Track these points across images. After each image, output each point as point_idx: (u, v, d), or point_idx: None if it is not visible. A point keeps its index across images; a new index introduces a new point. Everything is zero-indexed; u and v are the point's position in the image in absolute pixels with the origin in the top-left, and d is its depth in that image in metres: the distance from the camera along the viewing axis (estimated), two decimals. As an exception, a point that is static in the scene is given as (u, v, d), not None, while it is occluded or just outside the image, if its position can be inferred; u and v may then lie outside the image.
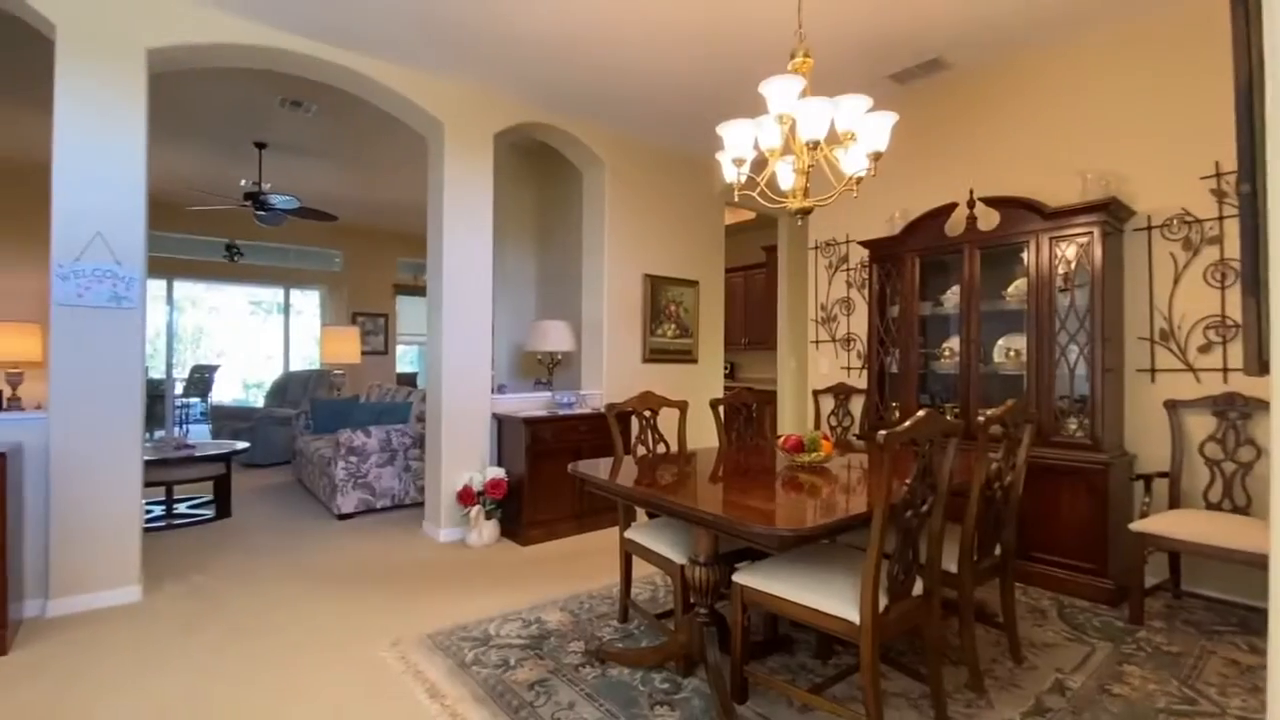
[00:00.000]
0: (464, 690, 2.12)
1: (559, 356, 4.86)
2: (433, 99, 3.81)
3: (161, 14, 2.97)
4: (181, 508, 4.42)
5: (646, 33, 3.27)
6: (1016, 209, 3.23)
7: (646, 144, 4.85)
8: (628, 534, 2.57)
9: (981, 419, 2.02)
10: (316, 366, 8.41)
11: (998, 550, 2.32)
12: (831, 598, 1.76)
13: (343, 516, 4.32)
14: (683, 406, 3.05)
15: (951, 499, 1.91)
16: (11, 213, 6.12)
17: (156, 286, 8.01)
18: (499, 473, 3.86)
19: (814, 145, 2.09)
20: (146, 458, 3.37)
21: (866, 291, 4.10)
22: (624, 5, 3.02)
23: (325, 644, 2.48)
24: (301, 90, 4.33)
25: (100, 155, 2.83)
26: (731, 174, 2.32)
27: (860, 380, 4.21)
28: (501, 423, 4.09)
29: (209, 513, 4.35)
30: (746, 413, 3.27)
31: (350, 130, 5.14)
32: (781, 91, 2.09)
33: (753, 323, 7.33)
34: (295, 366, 9.05)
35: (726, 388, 5.78)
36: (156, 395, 6.68)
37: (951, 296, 3.59)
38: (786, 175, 2.43)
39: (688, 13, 3.08)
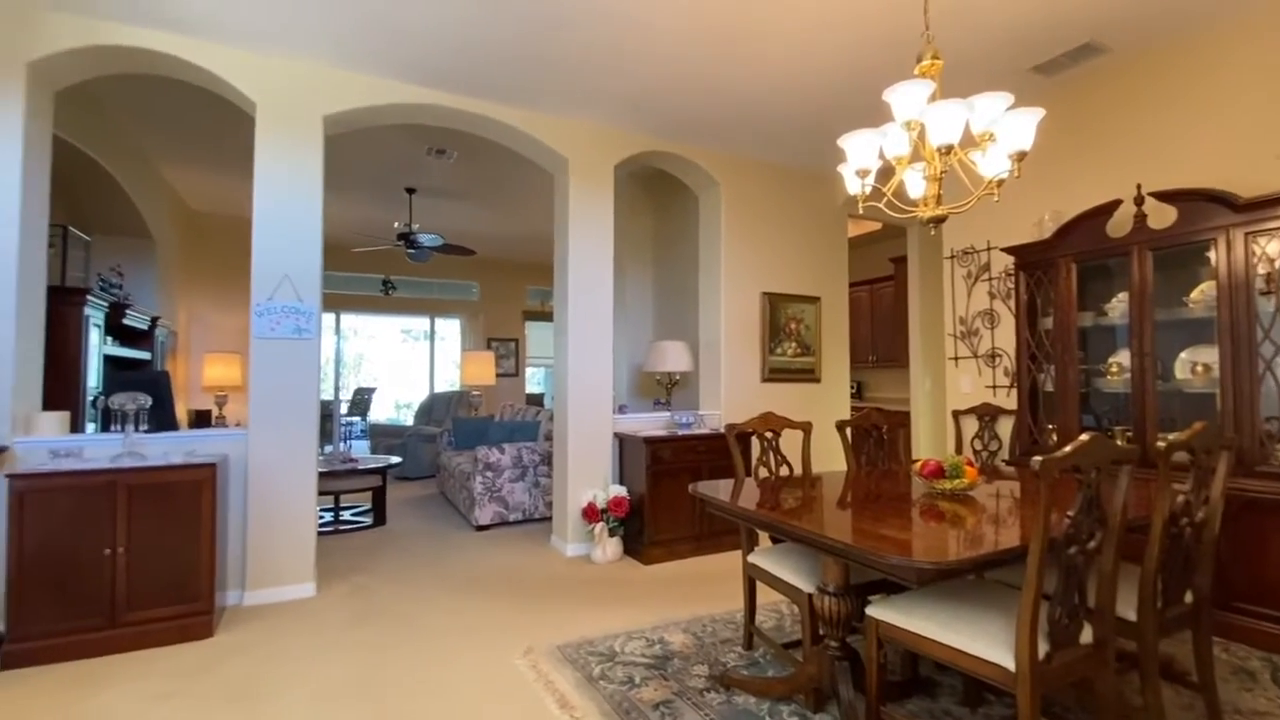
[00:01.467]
0: (591, 704, 2.18)
1: (677, 376, 4.91)
2: (557, 137, 4.06)
3: (336, 85, 3.45)
4: (346, 515, 4.97)
5: (761, 53, 3.27)
6: (1198, 202, 2.81)
7: (762, 162, 4.82)
8: (751, 559, 2.52)
9: (1163, 444, 1.76)
10: (457, 388, 9.12)
11: (1189, 598, 1.99)
12: (981, 639, 1.61)
13: (480, 528, 4.62)
14: (806, 428, 2.96)
15: (1127, 536, 1.68)
16: (221, 262, 7.31)
17: (326, 319, 9.16)
18: (621, 491, 3.95)
19: (947, 150, 1.97)
20: (319, 469, 3.84)
21: (1013, 302, 3.75)
22: (738, 32, 3.05)
23: (467, 645, 2.66)
24: (444, 139, 4.81)
25: (288, 209, 3.31)
26: (855, 186, 2.25)
27: (1008, 400, 3.84)
28: (623, 442, 4.19)
29: (368, 520, 4.85)
30: (877, 435, 3.10)
31: (485, 172, 5.61)
32: (908, 98, 2.00)
33: (881, 339, 6.95)
34: (439, 388, 9.90)
35: (853, 408, 5.51)
36: (325, 415, 7.61)
37: (1118, 305, 3.18)
38: (916, 183, 2.31)
39: (804, 29, 3.05)
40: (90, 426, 3.95)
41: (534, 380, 10.92)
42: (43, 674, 2.43)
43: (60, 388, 3.65)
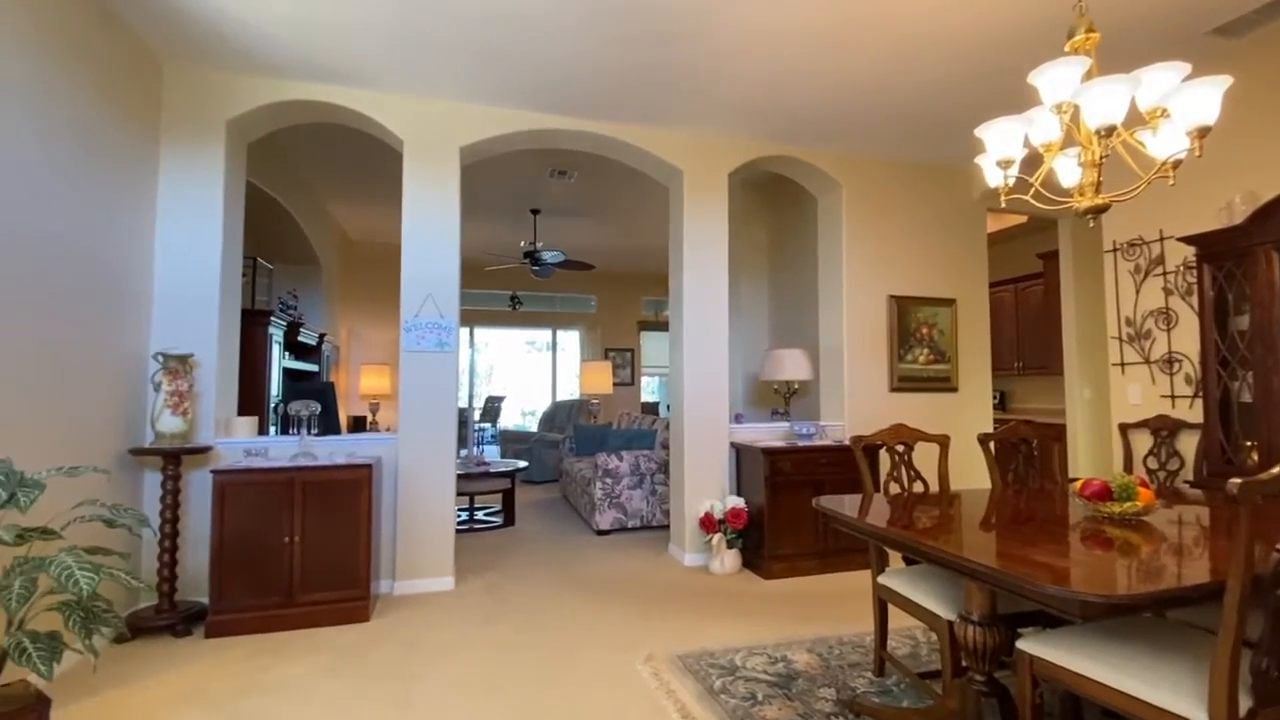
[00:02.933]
0: (713, 717, 2.15)
1: (795, 385, 4.76)
2: (672, 149, 4.12)
3: (470, 118, 3.74)
4: (480, 515, 5.32)
5: (882, 41, 3.12)
6: None
7: (887, 159, 4.57)
8: (881, 579, 2.37)
9: None
10: (577, 397, 9.47)
11: None
12: (1162, 687, 1.40)
13: (600, 532, 4.76)
14: (943, 441, 2.75)
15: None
16: (373, 283, 8.17)
17: (462, 333, 9.92)
18: (738, 502, 3.89)
19: (1108, 132, 1.76)
20: (456, 472, 4.15)
21: (1195, 299, 3.26)
22: (856, 25, 2.92)
23: (591, 646, 2.75)
24: (565, 161, 5.05)
25: (431, 233, 3.64)
26: (996, 178, 2.07)
27: (1190, 412, 3.33)
28: (740, 452, 4.13)
29: (498, 520, 5.16)
30: (1026, 450, 2.81)
31: (603, 190, 5.83)
32: (1059, 79, 1.81)
33: (1028, 344, 6.31)
34: (560, 397, 10.35)
35: (997, 420, 5.04)
36: (461, 421, 8.22)
37: (1341, 299, 2.66)
38: (1069, 170, 2.08)
39: (932, 9, 2.86)
40: (271, 430, 4.56)
41: (648, 389, 11.09)
42: (236, 644, 2.82)
43: (250, 396, 4.25)
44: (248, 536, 2.95)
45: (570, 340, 10.51)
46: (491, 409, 10.83)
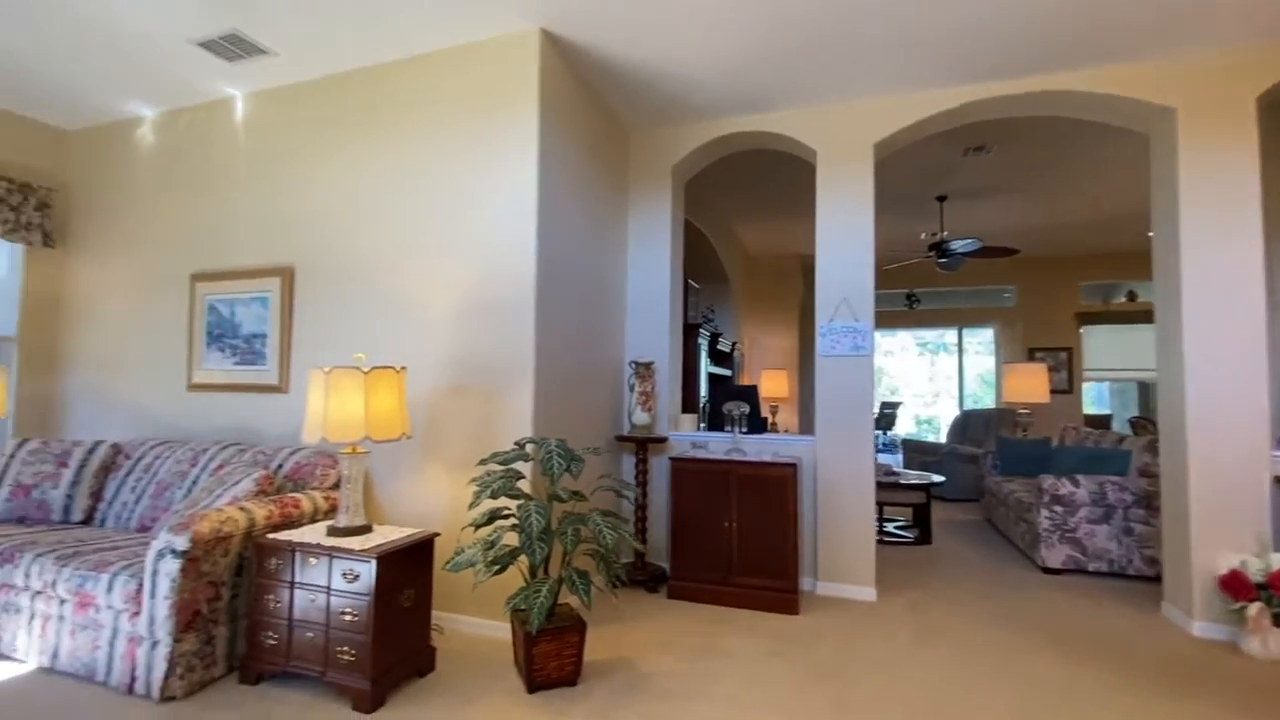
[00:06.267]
0: None
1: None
2: (1154, 85, 3.17)
3: (882, 112, 3.60)
4: (889, 527, 5.07)
5: None
6: None
7: None
8: None
9: None
10: (987, 405, 8.24)
11: None
12: None
13: (1047, 570, 3.97)
14: None
15: None
16: (769, 294, 8.67)
17: (853, 337, 9.71)
18: (1296, 562, 2.71)
19: None
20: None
21: None
22: None
23: (1054, 704, 2.27)
24: (983, 135, 4.43)
25: (843, 237, 3.63)
26: None
27: None
28: (1293, 490, 2.88)
29: (910, 536, 4.81)
30: None
31: (1028, 161, 4.91)
32: None
33: None
34: (965, 405, 9.17)
35: None
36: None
37: None
38: None
39: None
40: (700, 425, 5.23)
41: (1091, 396, 8.88)
42: (690, 609, 3.28)
43: (687, 396, 4.97)
44: (695, 517, 3.42)
45: (973, 340, 9.21)
46: (886, 416, 10.33)
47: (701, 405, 5.24)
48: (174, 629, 2.25)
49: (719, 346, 6.01)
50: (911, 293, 8.64)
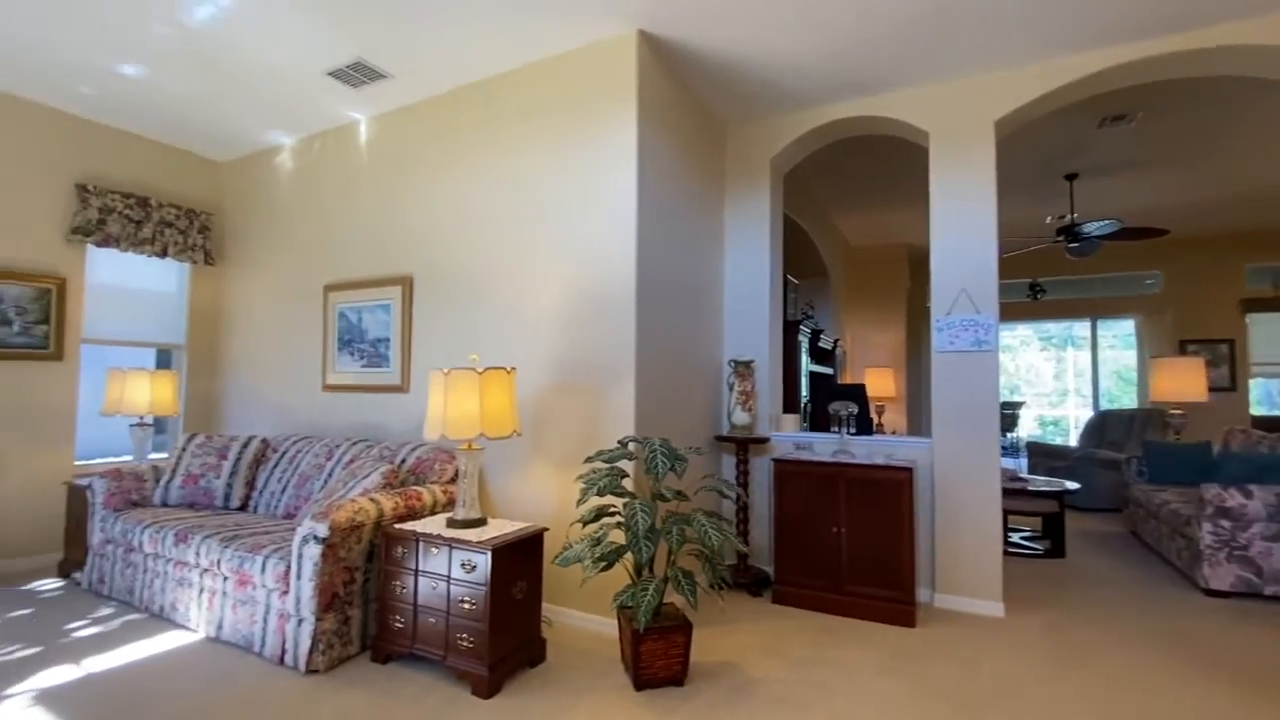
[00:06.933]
0: None
1: None
2: (1353, 29, 2.70)
3: (1003, 86, 3.32)
4: (1015, 537, 4.66)
5: None
6: None
7: None
8: None
9: None
10: (1124, 405, 7.41)
11: None
12: None
13: (1210, 592, 3.49)
14: None
15: None
16: (873, 287, 8.25)
17: (966, 331, 9.04)
18: None
19: None
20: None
21: None
22: None
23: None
24: (1123, 103, 3.97)
25: (960, 223, 3.37)
26: None
27: None
28: None
29: (1039, 547, 4.40)
30: None
31: (1182, 128, 4.34)
32: None
33: None
34: (1101, 404, 8.28)
35: None
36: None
37: None
38: None
39: None
40: (803, 426, 5.06)
41: (1259, 394, 7.72)
42: (796, 615, 3.18)
43: (788, 396, 4.82)
44: (801, 520, 3.30)
45: (1108, 332, 8.28)
46: (1007, 417, 9.54)
47: (803, 405, 5.07)
48: (316, 608, 2.47)
49: (820, 344, 5.79)
50: (1035, 282, 7.91)
